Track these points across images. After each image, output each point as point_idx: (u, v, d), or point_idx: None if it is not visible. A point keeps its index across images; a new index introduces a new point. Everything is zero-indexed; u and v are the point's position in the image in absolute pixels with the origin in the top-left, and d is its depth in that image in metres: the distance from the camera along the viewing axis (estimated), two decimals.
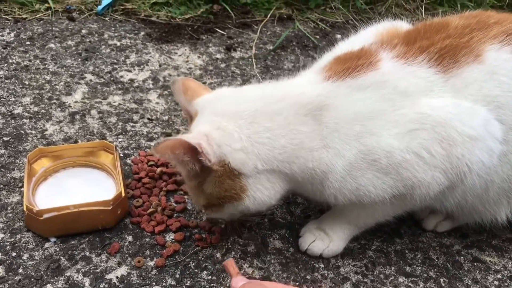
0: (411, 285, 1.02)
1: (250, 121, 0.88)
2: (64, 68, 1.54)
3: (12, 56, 1.56)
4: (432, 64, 0.89)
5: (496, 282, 1.05)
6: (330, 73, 0.91)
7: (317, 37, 1.87)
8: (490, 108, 0.89)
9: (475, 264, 1.09)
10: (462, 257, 1.10)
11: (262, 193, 0.91)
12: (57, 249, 1.01)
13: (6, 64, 1.52)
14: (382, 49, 0.93)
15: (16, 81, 1.46)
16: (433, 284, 1.03)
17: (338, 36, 1.88)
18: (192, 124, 0.94)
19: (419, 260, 1.08)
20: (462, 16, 0.97)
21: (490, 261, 1.10)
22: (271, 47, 1.77)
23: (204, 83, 1.54)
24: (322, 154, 0.88)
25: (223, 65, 1.65)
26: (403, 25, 1.07)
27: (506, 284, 1.05)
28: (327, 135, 0.88)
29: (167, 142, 0.84)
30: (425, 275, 1.05)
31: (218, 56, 1.69)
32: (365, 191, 0.90)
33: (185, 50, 1.70)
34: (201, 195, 0.93)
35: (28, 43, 1.63)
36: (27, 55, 1.57)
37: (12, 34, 1.66)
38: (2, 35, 1.65)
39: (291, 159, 0.89)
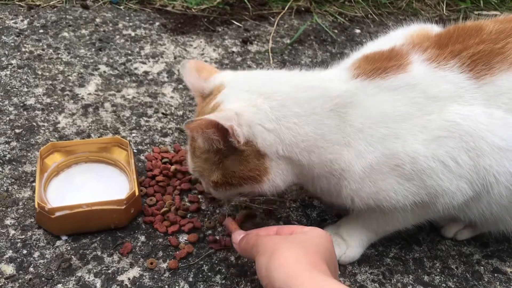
0: None
1: (282, 104, 0.85)
2: (78, 58, 1.51)
3: (25, 45, 1.53)
4: (464, 69, 0.86)
5: None
6: (359, 71, 0.88)
7: (336, 31, 1.82)
8: None
9: (495, 275, 1.06)
10: (482, 267, 1.07)
11: (280, 178, 0.89)
12: (69, 248, 0.99)
13: (19, 53, 1.49)
14: (413, 51, 0.90)
15: (29, 70, 1.43)
16: None
17: (357, 31, 1.84)
18: (216, 97, 0.90)
19: (438, 269, 1.05)
20: (497, 20, 0.92)
21: (511, 272, 1.07)
22: (288, 41, 1.73)
23: None
24: (343, 151, 0.86)
25: (239, 59, 1.61)
26: (434, 28, 1.03)
27: None
28: (350, 133, 0.85)
29: (200, 121, 0.82)
30: (444, 285, 1.02)
31: (234, 49, 1.65)
32: (386, 196, 0.87)
33: (201, 42, 1.66)
34: (217, 171, 0.90)
35: (41, 31, 1.60)
36: (40, 44, 1.54)
37: (25, 22, 1.63)
38: (15, 23, 1.63)
39: (311, 149, 0.86)
